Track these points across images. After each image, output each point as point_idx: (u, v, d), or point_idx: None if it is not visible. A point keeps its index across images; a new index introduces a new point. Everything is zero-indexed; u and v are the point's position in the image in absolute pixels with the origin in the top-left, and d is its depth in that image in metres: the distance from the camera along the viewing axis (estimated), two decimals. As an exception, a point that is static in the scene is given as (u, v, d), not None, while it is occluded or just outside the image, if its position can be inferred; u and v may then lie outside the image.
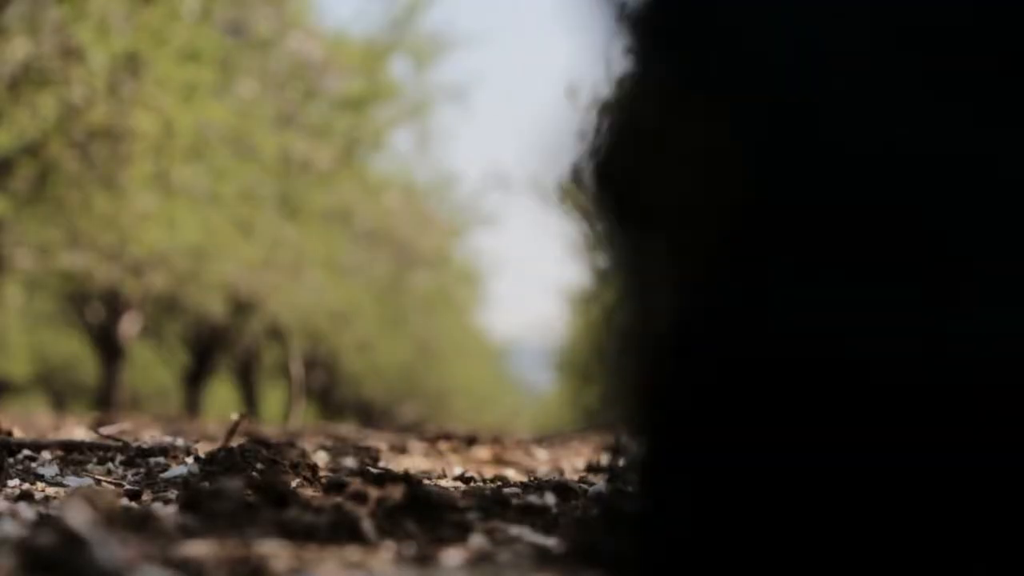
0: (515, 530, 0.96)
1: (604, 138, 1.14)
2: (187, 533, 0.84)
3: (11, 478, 1.35)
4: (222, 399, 22.17)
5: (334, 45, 11.45)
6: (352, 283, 15.04)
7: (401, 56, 13.79)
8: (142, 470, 1.49)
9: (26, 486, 1.29)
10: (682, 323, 0.98)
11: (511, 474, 2.01)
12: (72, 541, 0.68)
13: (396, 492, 1.37)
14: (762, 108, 0.95)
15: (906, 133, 0.93)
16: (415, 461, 2.13)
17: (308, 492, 1.24)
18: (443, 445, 2.44)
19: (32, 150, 7.20)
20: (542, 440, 2.77)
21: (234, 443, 1.58)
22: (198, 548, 0.79)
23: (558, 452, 2.50)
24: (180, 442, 1.70)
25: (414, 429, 4.13)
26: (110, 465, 1.53)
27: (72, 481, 1.37)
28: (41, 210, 7.89)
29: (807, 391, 0.89)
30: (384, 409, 26.25)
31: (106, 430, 1.87)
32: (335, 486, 1.35)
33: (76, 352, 19.02)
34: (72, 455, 1.59)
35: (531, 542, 0.90)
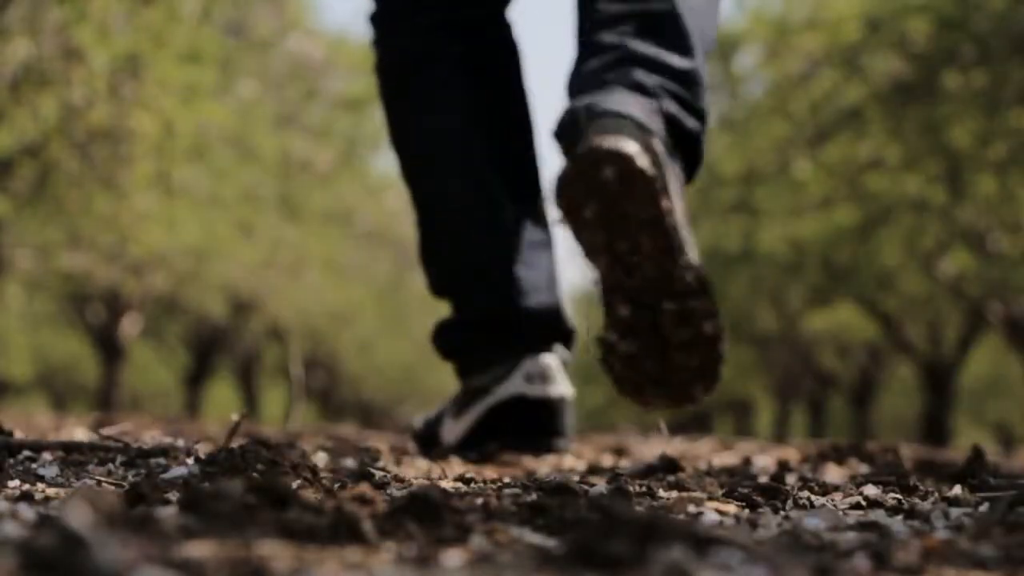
0: (515, 531, 0.96)
1: None
2: (188, 534, 0.84)
3: (11, 479, 1.35)
4: (222, 399, 22.17)
5: (334, 45, 11.46)
6: (352, 283, 15.06)
7: (401, 56, 13.78)
8: (142, 471, 1.49)
9: (26, 487, 1.29)
10: None
11: (512, 475, 2.01)
12: (72, 542, 0.68)
13: (396, 493, 1.37)
14: None
15: None
16: (416, 462, 2.13)
17: (309, 493, 1.24)
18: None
19: (33, 151, 7.21)
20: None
21: (234, 444, 1.58)
22: (199, 549, 0.79)
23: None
24: (180, 443, 1.70)
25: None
26: (111, 466, 1.53)
27: (72, 482, 1.37)
28: (41, 211, 7.90)
29: None
30: (384, 410, 26.24)
31: (107, 431, 1.87)
32: (336, 487, 1.35)
33: (76, 352, 19.03)
34: (73, 456, 1.59)
35: (531, 543, 0.91)
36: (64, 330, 17.19)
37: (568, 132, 1.62)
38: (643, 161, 1.51)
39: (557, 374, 2.02)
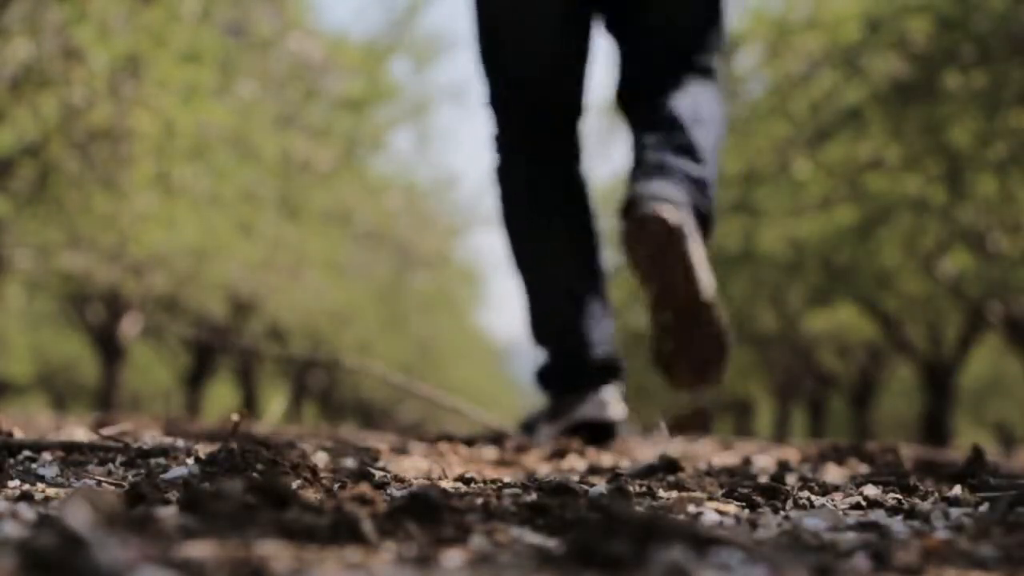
0: (515, 531, 0.96)
1: None
2: (187, 534, 0.84)
3: (11, 479, 1.36)
4: (222, 399, 22.17)
5: (334, 46, 11.46)
6: (352, 283, 15.05)
7: (401, 56, 13.80)
8: (142, 471, 1.49)
9: (26, 487, 1.29)
10: None
11: (512, 475, 2.01)
12: (72, 542, 0.68)
13: (396, 493, 1.37)
14: None
15: None
16: (415, 462, 2.13)
17: (309, 493, 1.24)
18: (443, 446, 2.45)
19: (33, 151, 7.21)
20: (537, 442, 2.78)
21: (234, 444, 1.58)
22: (198, 549, 0.79)
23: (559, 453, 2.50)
24: (180, 443, 1.70)
25: (414, 430, 4.14)
26: (111, 466, 1.53)
27: (72, 482, 1.37)
28: (41, 211, 7.90)
29: None
30: (384, 410, 26.24)
31: (107, 431, 1.87)
32: (336, 487, 1.35)
33: (76, 352, 19.03)
34: (73, 456, 1.59)
35: (531, 543, 0.91)
36: (64, 330, 17.19)
37: (630, 207, 2.48)
38: (675, 223, 2.39)
39: (613, 402, 2.84)
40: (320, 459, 1.89)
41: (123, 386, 13.92)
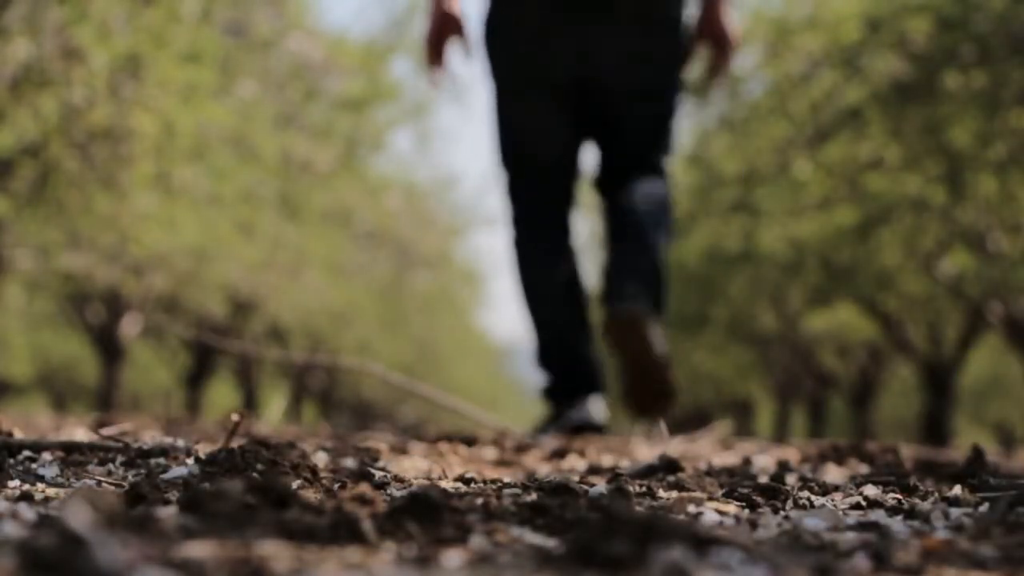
0: (515, 531, 0.96)
1: None
2: (188, 534, 0.84)
3: (11, 479, 1.36)
4: (222, 399, 22.18)
5: (334, 45, 11.46)
6: (352, 283, 15.05)
7: (402, 56, 13.80)
8: (142, 471, 1.49)
9: (26, 487, 1.29)
10: None
11: (512, 475, 2.01)
12: (73, 542, 0.68)
13: (396, 493, 1.37)
14: None
15: None
16: (415, 462, 2.13)
17: (309, 493, 1.24)
18: (443, 446, 2.45)
19: (33, 151, 7.21)
20: (543, 441, 2.78)
21: (234, 444, 1.58)
22: (199, 549, 0.79)
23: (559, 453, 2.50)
24: (180, 443, 1.70)
25: (414, 430, 4.16)
26: (111, 466, 1.53)
27: (72, 482, 1.37)
28: (42, 211, 7.90)
29: None
30: (384, 410, 26.25)
31: (107, 431, 1.87)
32: (336, 487, 1.35)
33: (76, 353, 19.03)
34: (73, 456, 1.59)
35: (531, 543, 0.91)
36: (64, 330, 17.19)
37: (609, 310, 3.46)
38: (636, 318, 3.41)
39: (598, 408, 3.72)
40: (320, 459, 1.89)
41: (123, 386, 13.92)
